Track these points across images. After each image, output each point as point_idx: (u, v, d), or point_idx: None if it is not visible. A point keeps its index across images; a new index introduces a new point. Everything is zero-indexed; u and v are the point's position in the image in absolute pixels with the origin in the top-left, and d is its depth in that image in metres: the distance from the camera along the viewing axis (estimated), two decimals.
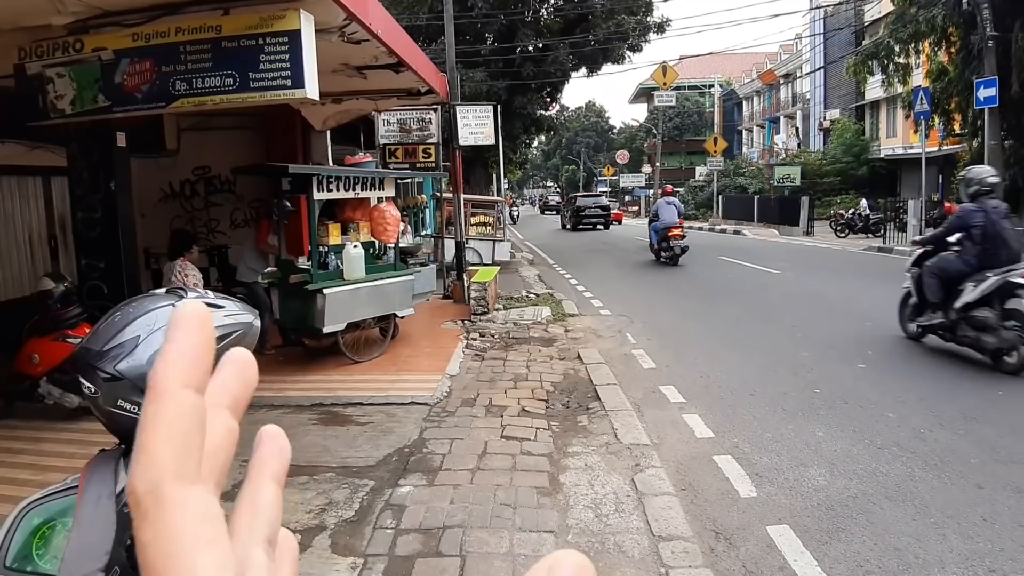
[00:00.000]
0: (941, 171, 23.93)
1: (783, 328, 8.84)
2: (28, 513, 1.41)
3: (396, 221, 7.65)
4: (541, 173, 78.93)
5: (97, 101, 4.11)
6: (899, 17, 18.95)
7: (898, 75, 19.47)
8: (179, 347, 0.30)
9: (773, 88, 44.30)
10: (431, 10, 17.17)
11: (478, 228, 15.65)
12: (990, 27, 15.64)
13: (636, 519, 3.81)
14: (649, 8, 20.00)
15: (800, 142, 39.32)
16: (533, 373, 6.86)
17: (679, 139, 53.14)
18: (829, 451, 4.70)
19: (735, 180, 36.91)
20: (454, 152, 10.94)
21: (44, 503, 1.44)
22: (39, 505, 1.43)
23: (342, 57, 6.18)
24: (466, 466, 4.56)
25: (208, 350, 0.31)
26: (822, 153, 34.17)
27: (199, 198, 9.03)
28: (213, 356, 0.32)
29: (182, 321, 0.31)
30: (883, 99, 29.75)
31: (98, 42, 4.08)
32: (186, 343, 0.31)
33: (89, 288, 5.29)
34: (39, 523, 1.41)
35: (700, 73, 47.81)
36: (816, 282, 12.52)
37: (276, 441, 0.35)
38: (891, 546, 3.41)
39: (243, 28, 3.92)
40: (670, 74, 28.38)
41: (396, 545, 3.56)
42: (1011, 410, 5.34)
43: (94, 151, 5.05)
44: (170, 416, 0.29)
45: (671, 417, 5.58)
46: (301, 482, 4.31)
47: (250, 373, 0.34)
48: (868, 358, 7.06)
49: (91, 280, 5.20)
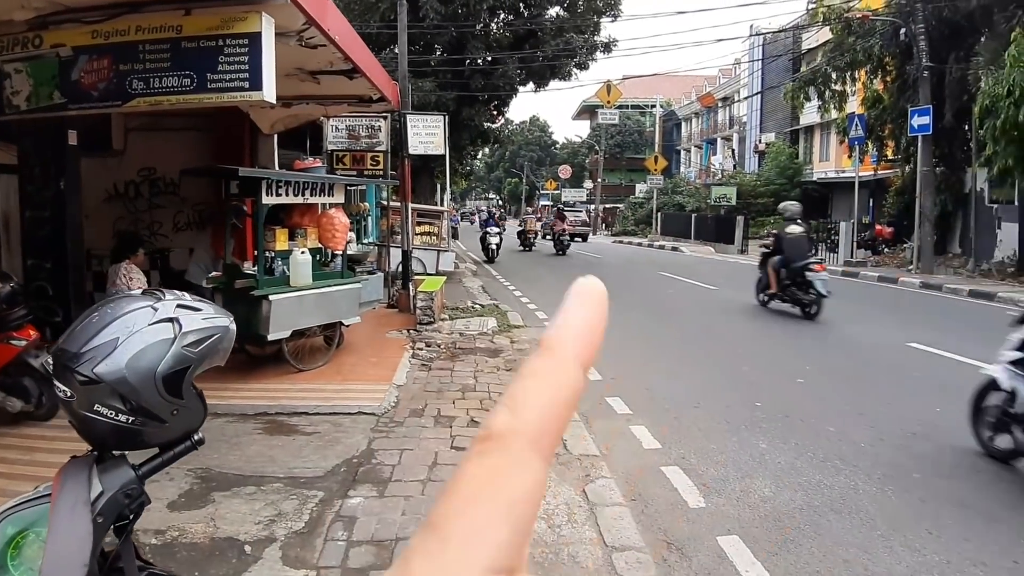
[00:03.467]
0: (872, 195, 25.06)
1: (723, 343, 9.10)
2: (2, 523, 1.35)
3: (345, 228, 7.56)
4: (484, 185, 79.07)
5: (53, 98, 3.96)
6: (837, 46, 19.86)
7: (834, 101, 20.38)
8: (581, 320, 0.30)
9: (711, 110, 45.66)
10: (383, 18, 17.08)
11: (423, 237, 15.58)
12: (926, 58, 16.53)
13: (589, 529, 3.85)
14: (597, 28, 20.40)
15: (736, 163, 40.57)
16: (481, 384, 6.85)
17: (620, 156, 54.11)
18: (773, 463, 4.85)
19: (673, 198, 37.84)
20: (403, 161, 10.88)
21: (17, 512, 1.38)
22: (12, 514, 1.37)
23: (297, 61, 6.11)
24: (417, 477, 4.52)
25: (601, 330, 0.31)
26: (757, 175, 35.28)
27: (143, 200, 8.73)
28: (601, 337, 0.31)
29: (587, 294, 0.31)
30: (817, 124, 31.01)
31: (57, 38, 3.94)
32: (584, 316, 0.30)
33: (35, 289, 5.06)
34: (13, 532, 1.35)
35: (642, 93, 48.86)
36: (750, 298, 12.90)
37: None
38: (840, 558, 3.53)
39: (204, 29, 3.85)
40: (614, 93, 28.97)
41: (349, 557, 3.50)
42: (951, 427, 5.55)
43: (46, 149, 4.84)
44: (555, 382, 0.28)
45: (619, 428, 5.66)
46: (248, 492, 4.20)
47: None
48: (806, 373, 7.33)
49: (37, 281, 4.97)
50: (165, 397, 1.49)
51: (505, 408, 0.28)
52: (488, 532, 0.25)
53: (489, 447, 0.27)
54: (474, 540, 0.25)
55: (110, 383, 1.43)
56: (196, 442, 1.62)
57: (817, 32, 25.24)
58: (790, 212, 11.46)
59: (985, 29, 16.00)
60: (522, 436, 0.27)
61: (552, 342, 0.29)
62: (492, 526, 0.26)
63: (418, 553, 0.25)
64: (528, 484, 0.27)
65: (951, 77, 16.75)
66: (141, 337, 1.46)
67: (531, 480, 0.27)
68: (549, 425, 0.28)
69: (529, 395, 0.28)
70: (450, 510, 0.26)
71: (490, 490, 0.26)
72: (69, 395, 1.44)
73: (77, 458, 1.52)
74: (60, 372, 1.45)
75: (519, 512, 0.26)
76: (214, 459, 4.58)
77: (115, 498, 1.45)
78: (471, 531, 0.25)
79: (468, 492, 0.26)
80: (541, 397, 0.28)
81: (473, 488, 0.27)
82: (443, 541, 0.25)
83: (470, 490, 0.27)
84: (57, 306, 5.00)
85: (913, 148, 18.19)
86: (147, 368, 1.45)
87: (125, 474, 1.49)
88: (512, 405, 0.28)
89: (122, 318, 1.48)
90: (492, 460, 0.27)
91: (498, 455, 0.27)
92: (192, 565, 3.36)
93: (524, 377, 0.29)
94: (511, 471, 0.27)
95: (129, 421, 1.46)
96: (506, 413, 0.28)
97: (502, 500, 0.26)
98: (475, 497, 0.26)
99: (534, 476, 0.27)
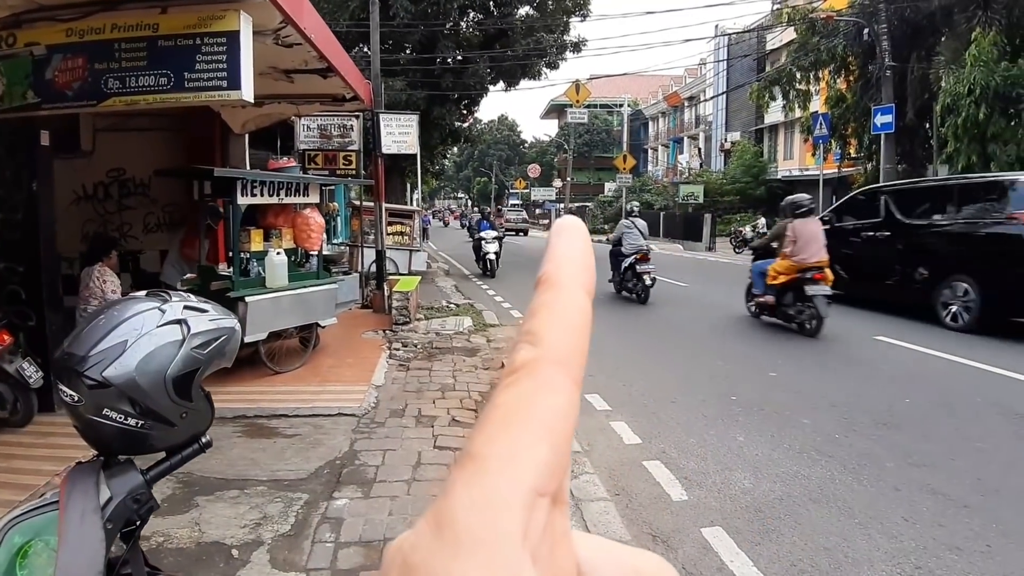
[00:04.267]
0: (835, 192, 25.52)
1: (695, 338, 9.23)
2: (9, 531, 1.33)
3: (320, 228, 7.50)
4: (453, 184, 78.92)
5: (26, 97, 3.86)
6: (802, 46, 20.21)
7: (799, 100, 20.73)
8: (569, 250, 0.30)
9: (678, 110, 46.17)
10: (352, 16, 16.95)
11: (394, 237, 15.51)
12: (888, 57, 16.89)
13: (575, 524, 3.88)
14: (567, 27, 20.49)
15: (702, 162, 41.09)
16: (460, 383, 6.86)
17: (588, 155, 54.44)
18: (751, 455, 4.94)
19: (642, 197, 38.15)
20: (377, 160, 10.82)
21: (24, 520, 1.36)
22: (19, 523, 1.35)
23: (271, 60, 6.04)
24: (401, 477, 4.51)
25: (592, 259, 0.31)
26: (723, 173, 35.79)
27: (112, 201, 8.53)
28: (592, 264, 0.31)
29: (569, 229, 0.31)
30: (781, 123, 31.56)
31: (31, 36, 3.85)
32: (575, 247, 0.30)
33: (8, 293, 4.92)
34: (21, 542, 1.32)
35: (610, 92, 49.20)
36: (720, 295, 13.08)
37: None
38: (821, 546, 3.62)
39: (181, 27, 3.79)
40: (583, 92, 29.03)
41: (338, 559, 3.49)
42: (920, 417, 5.73)
43: (18, 150, 4.72)
44: (567, 308, 0.28)
45: (599, 424, 5.71)
46: (232, 496, 4.15)
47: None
48: (778, 366, 7.47)
49: (10, 285, 4.84)
50: (174, 400, 1.48)
51: (525, 343, 0.28)
52: (527, 453, 0.25)
53: (517, 377, 0.27)
54: (513, 461, 0.25)
55: (119, 386, 1.42)
56: (204, 445, 1.62)
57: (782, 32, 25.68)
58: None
59: (946, 29, 16.41)
60: (547, 361, 0.27)
61: (552, 276, 0.29)
62: (530, 447, 0.25)
63: (458, 482, 0.25)
64: (562, 404, 0.26)
65: (913, 76, 17.17)
66: (150, 339, 1.45)
67: (564, 400, 0.26)
68: (572, 348, 0.28)
69: (545, 324, 0.28)
70: (485, 437, 0.26)
71: (524, 413, 0.26)
72: (76, 399, 1.42)
73: (83, 463, 1.50)
74: (67, 376, 1.43)
75: (556, 432, 0.26)
76: (195, 463, 4.47)
77: (124, 503, 1.43)
78: (509, 453, 0.25)
79: (502, 418, 0.26)
80: (558, 323, 0.28)
81: (507, 414, 0.26)
82: (481, 466, 0.25)
83: (503, 416, 0.26)
84: (31, 311, 4.87)
85: (876, 146, 18.62)
86: (157, 371, 1.44)
87: (133, 479, 1.48)
88: (531, 338, 0.28)
89: (130, 320, 1.46)
90: (521, 386, 0.27)
91: (527, 381, 0.27)
92: (179, 570, 3.32)
93: (536, 311, 0.28)
94: (542, 393, 0.26)
95: (138, 425, 1.45)
96: (527, 346, 0.28)
97: (537, 421, 0.26)
98: (509, 422, 0.26)
99: (567, 396, 0.27)
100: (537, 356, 0.27)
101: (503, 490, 0.24)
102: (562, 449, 0.26)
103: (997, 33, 14.22)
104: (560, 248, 0.30)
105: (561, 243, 0.31)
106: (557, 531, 0.26)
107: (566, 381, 0.27)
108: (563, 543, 0.27)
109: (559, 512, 0.26)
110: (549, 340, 0.27)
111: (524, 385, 0.26)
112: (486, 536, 0.23)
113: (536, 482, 0.25)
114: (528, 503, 0.24)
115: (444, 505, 0.24)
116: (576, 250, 0.30)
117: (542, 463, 0.25)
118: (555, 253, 0.30)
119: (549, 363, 0.27)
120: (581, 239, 0.31)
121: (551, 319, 0.28)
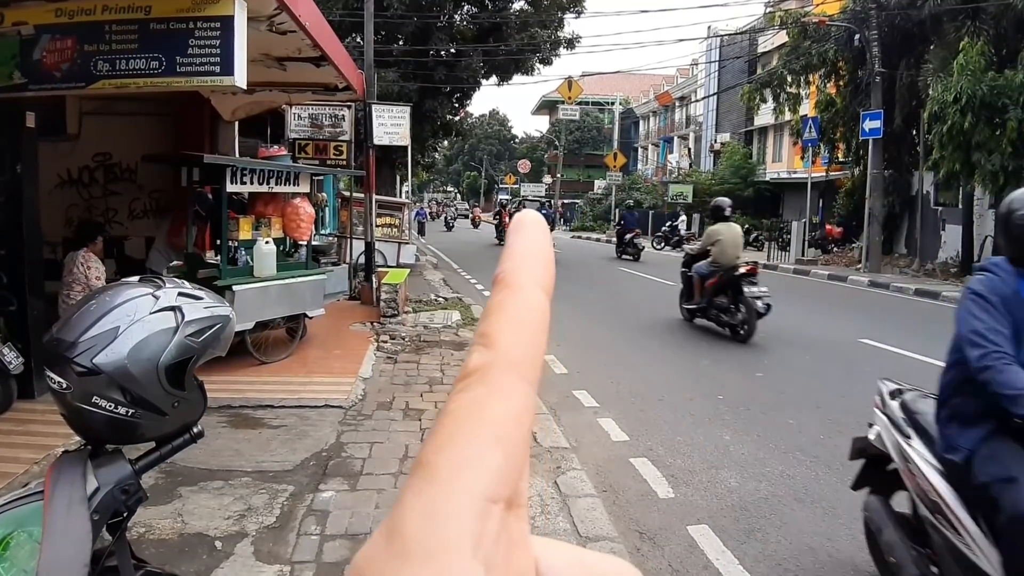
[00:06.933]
0: (822, 195, 25.72)
1: (683, 337, 9.26)
2: None
3: (310, 218, 7.45)
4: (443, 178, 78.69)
5: (13, 78, 3.79)
6: (793, 49, 20.33)
7: (789, 103, 20.84)
8: (527, 247, 0.29)
9: (669, 109, 46.21)
10: (346, 6, 16.82)
11: (384, 229, 15.44)
12: (878, 63, 17.02)
13: (562, 520, 3.88)
14: (561, 23, 20.46)
15: (692, 162, 41.19)
16: (448, 377, 6.84)
17: (579, 152, 54.44)
18: (737, 454, 4.96)
19: (631, 195, 38.24)
20: (368, 151, 10.76)
21: (6, 511, 1.32)
22: (2, 513, 1.31)
23: (264, 47, 5.98)
24: (388, 470, 4.49)
25: (551, 254, 0.30)
26: (712, 173, 35.91)
27: (98, 186, 8.41)
28: (552, 260, 0.30)
29: (527, 225, 0.30)
30: (771, 125, 31.66)
31: (19, 16, 3.77)
32: (534, 244, 0.30)
33: None
34: (3, 533, 1.29)
35: (601, 90, 49.22)
36: None
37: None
38: (805, 545, 3.65)
39: (174, 11, 3.73)
40: (575, 89, 29.06)
41: (323, 551, 3.47)
42: None
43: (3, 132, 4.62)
44: (521, 308, 0.28)
45: (587, 421, 5.72)
46: (216, 487, 4.11)
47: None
48: (764, 367, 7.51)
49: None
50: (167, 389, 1.44)
51: (478, 346, 0.27)
52: (478, 460, 0.25)
53: (468, 382, 0.26)
54: (464, 469, 0.25)
55: (110, 374, 1.38)
56: (195, 435, 1.59)
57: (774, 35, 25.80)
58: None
59: (935, 37, 16.54)
60: (500, 364, 0.26)
61: (508, 276, 0.29)
62: (482, 453, 0.25)
63: (409, 491, 0.25)
64: (514, 407, 0.26)
65: (901, 83, 17.31)
66: (143, 326, 1.41)
67: (517, 404, 0.26)
68: (525, 350, 0.27)
69: (499, 325, 0.27)
70: (436, 445, 0.25)
71: (475, 419, 0.25)
72: (64, 386, 1.39)
73: (70, 452, 1.47)
74: (55, 362, 1.39)
75: (509, 437, 0.25)
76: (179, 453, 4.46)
77: (111, 494, 1.40)
78: (460, 461, 0.25)
79: (453, 426, 0.26)
80: (511, 325, 0.27)
81: (458, 421, 0.26)
82: (432, 475, 0.25)
83: (455, 423, 0.26)
84: (12, 295, 4.79)
85: (863, 151, 18.77)
86: (149, 359, 1.41)
87: (122, 469, 1.44)
88: (484, 341, 0.27)
89: (122, 306, 1.43)
90: (473, 392, 0.26)
91: (478, 387, 0.26)
92: (161, 562, 3.27)
93: (490, 313, 0.28)
94: (494, 398, 0.26)
95: (128, 414, 1.41)
96: (480, 350, 0.27)
97: (488, 427, 0.25)
98: (460, 429, 0.25)
99: (520, 399, 0.26)
100: (490, 360, 0.27)
101: (453, 499, 0.24)
102: (516, 453, 0.26)
103: (985, 43, 14.34)
104: (518, 245, 0.30)
105: (519, 240, 0.30)
106: (513, 536, 0.26)
107: (520, 384, 0.26)
108: (520, 548, 0.26)
109: (515, 517, 0.26)
110: (503, 342, 0.27)
111: (476, 391, 0.26)
112: (435, 546, 0.23)
113: (488, 489, 0.24)
114: (480, 511, 0.24)
115: (396, 515, 0.24)
116: (535, 247, 0.30)
117: (494, 469, 0.25)
118: (513, 251, 0.30)
119: (502, 367, 0.27)
120: (541, 235, 0.30)
121: (505, 320, 0.28)
